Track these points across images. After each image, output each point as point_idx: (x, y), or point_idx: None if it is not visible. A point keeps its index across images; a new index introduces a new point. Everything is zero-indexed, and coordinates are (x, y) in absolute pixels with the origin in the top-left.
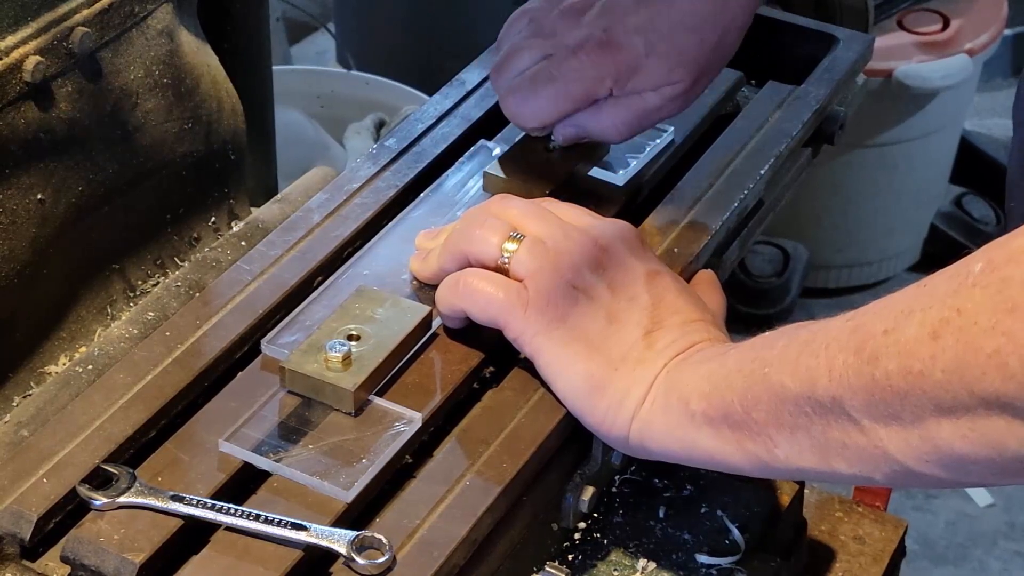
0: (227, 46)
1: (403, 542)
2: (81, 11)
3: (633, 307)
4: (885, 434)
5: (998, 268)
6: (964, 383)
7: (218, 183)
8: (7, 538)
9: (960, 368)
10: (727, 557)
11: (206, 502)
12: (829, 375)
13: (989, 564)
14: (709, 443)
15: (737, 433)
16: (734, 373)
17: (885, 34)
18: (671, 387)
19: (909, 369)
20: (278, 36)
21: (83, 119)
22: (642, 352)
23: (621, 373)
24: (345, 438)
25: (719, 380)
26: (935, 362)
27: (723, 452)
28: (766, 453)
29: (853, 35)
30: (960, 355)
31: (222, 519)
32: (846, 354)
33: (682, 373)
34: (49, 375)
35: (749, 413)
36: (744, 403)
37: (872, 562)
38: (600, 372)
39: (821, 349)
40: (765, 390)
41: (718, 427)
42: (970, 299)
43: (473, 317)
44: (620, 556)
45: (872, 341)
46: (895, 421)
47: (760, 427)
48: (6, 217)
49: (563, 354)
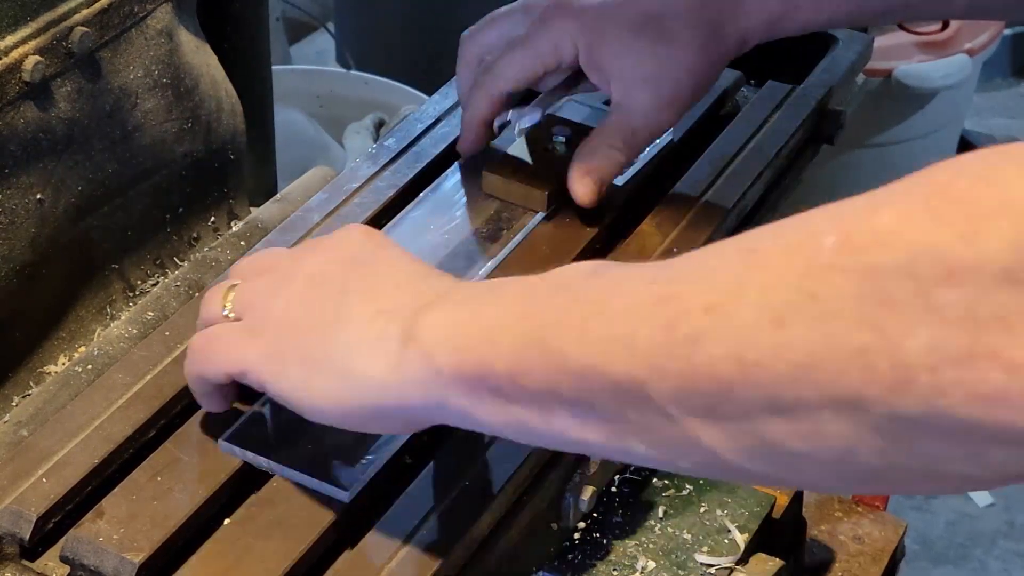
0: (227, 46)
1: (403, 542)
2: (81, 11)
3: (354, 288)
4: (698, 425)
5: (862, 250)
6: (814, 381)
7: (217, 183)
8: (7, 538)
9: (812, 364)
10: (727, 557)
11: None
12: (630, 352)
13: (989, 564)
14: (461, 402)
15: (500, 398)
16: (496, 329)
17: (884, 34)
18: (408, 338)
19: (741, 358)
20: (278, 36)
21: (82, 119)
22: (371, 326)
23: (356, 354)
24: (345, 438)
25: (474, 334)
26: (778, 354)
27: (480, 414)
28: (539, 422)
29: (852, 35)
30: (814, 349)
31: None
32: (652, 328)
33: (423, 323)
34: (48, 375)
35: (516, 381)
36: (511, 369)
37: (871, 562)
38: (328, 374)
39: (618, 316)
40: (539, 357)
41: (474, 388)
42: (828, 284)
43: (212, 378)
44: (620, 556)
45: (690, 319)
46: (712, 414)
47: (531, 397)
48: (5, 217)
49: (291, 377)
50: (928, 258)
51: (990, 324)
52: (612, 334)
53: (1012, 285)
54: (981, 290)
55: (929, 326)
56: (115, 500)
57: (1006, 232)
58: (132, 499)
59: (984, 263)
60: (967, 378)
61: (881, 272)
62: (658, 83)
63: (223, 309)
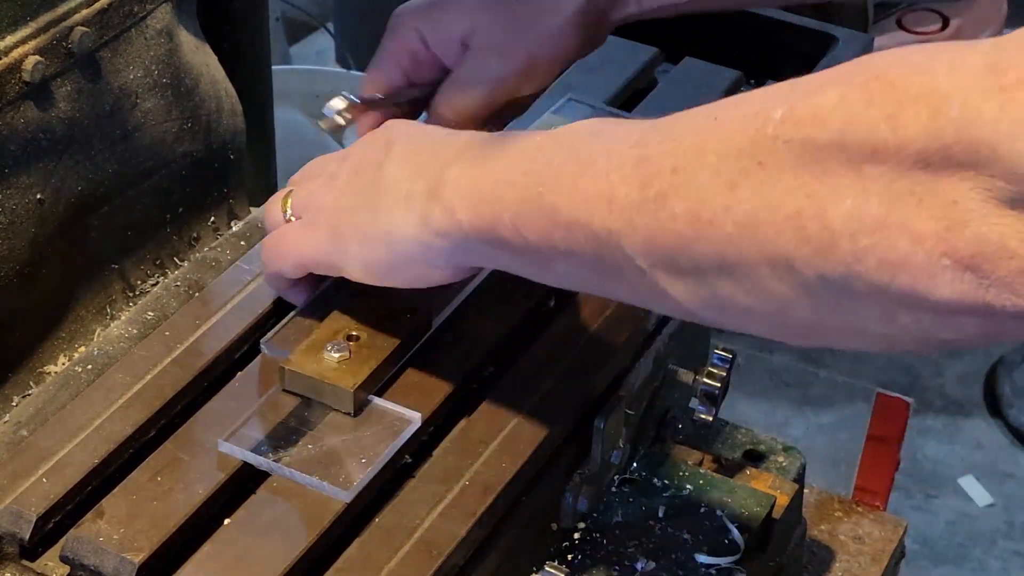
0: (227, 46)
1: (403, 542)
2: (80, 11)
3: (390, 162)
4: (664, 277)
5: (803, 124)
6: (755, 240)
7: (217, 183)
8: (7, 538)
9: (754, 224)
10: (727, 557)
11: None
12: (609, 207)
13: (989, 564)
14: (482, 248)
15: (509, 247)
16: (503, 185)
17: (884, 34)
18: (433, 194)
19: (698, 216)
20: (278, 36)
21: (82, 119)
22: (402, 186)
23: (395, 219)
24: (345, 438)
25: (486, 191)
26: (728, 214)
27: (499, 260)
28: (543, 268)
29: (852, 35)
30: (756, 210)
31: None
32: (629, 187)
33: (444, 179)
34: (48, 375)
35: (520, 232)
36: (516, 222)
37: (871, 562)
38: (379, 243)
39: (603, 175)
40: (537, 210)
41: (489, 238)
42: (772, 152)
43: (288, 273)
44: (620, 556)
45: (660, 179)
46: (674, 268)
47: (533, 248)
48: (5, 217)
49: (352, 255)
50: (858, 136)
51: (904, 198)
52: (597, 191)
53: (925, 167)
54: (900, 169)
55: (853, 196)
56: (115, 500)
57: (924, 120)
58: (132, 499)
59: (904, 145)
60: (879, 245)
61: (818, 144)
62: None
63: (284, 213)
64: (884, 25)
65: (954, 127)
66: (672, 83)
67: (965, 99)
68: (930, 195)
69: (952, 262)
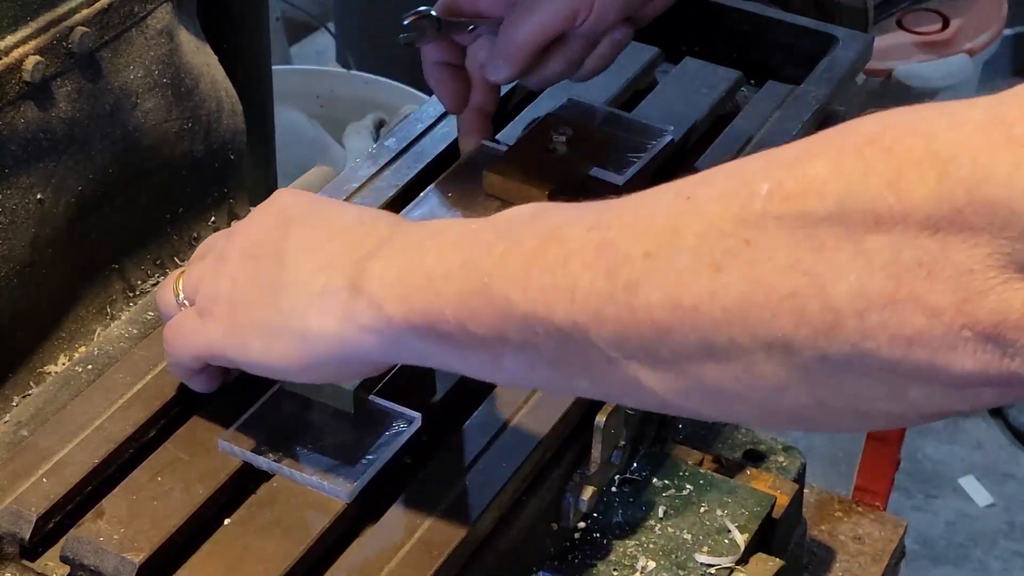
0: (227, 46)
1: (403, 542)
2: (81, 11)
3: (290, 249)
4: (638, 368)
5: (794, 198)
6: (747, 325)
7: (218, 183)
8: (7, 538)
9: (745, 308)
10: (727, 557)
11: None
12: (571, 298)
13: (989, 564)
14: (416, 346)
15: (451, 343)
16: (440, 278)
17: (885, 34)
18: (355, 289)
19: (679, 303)
20: (278, 36)
21: (83, 119)
22: (315, 282)
23: (308, 314)
24: (345, 438)
25: (420, 282)
26: (714, 299)
27: (437, 356)
28: (491, 365)
29: (852, 35)
30: (747, 294)
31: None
32: (594, 275)
33: (368, 273)
34: (49, 375)
35: (466, 327)
36: (459, 316)
37: (872, 562)
38: (288, 339)
39: (558, 264)
40: (486, 304)
41: (426, 334)
42: (762, 230)
43: (188, 364)
44: (620, 556)
45: (629, 266)
46: (652, 357)
47: (481, 342)
48: (6, 217)
49: (255, 350)
50: (858, 206)
51: (913, 270)
52: (554, 282)
53: (933, 233)
54: (906, 237)
55: (858, 271)
56: (115, 500)
57: (930, 183)
58: (132, 499)
59: (909, 212)
60: (891, 321)
61: (813, 219)
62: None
63: (176, 297)
64: (884, 25)
65: (964, 187)
66: (672, 83)
67: (974, 157)
68: (941, 264)
69: (973, 334)
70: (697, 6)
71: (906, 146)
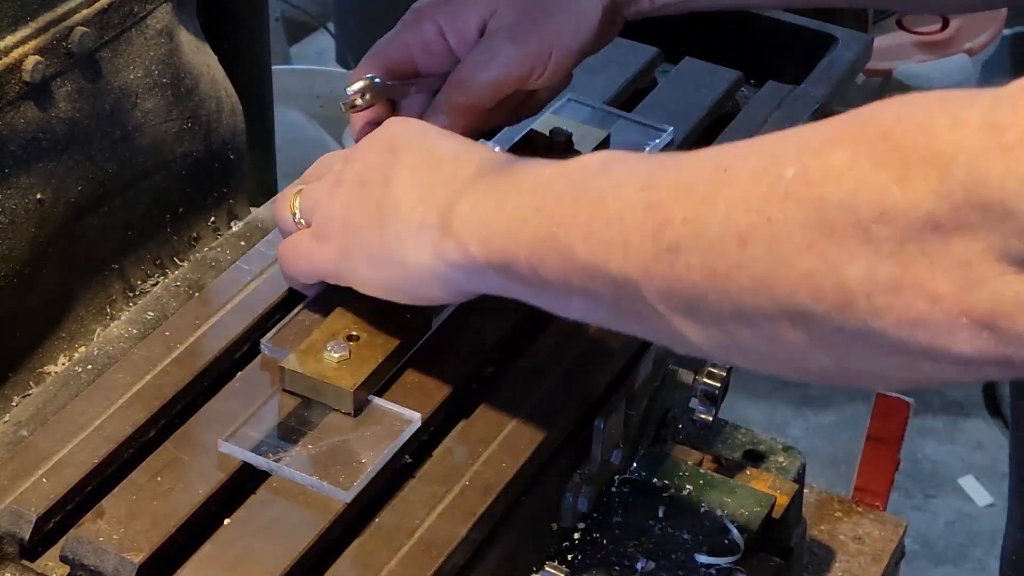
0: (227, 46)
1: (403, 542)
2: (80, 11)
3: (396, 179)
4: (682, 323)
5: (815, 184)
6: (771, 295)
7: (217, 183)
8: (7, 538)
9: (769, 280)
10: (727, 557)
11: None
12: (625, 253)
13: (989, 564)
14: (497, 281)
15: (526, 282)
16: (517, 223)
17: (884, 34)
18: (445, 228)
19: (714, 269)
20: (278, 36)
21: (82, 119)
22: (413, 214)
23: (407, 245)
24: (345, 438)
25: (499, 228)
26: (742, 269)
27: (517, 292)
28: (561, 304)
29: (852, 35)
30: (770, 268)
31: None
32: (642, 234)
33: (455, 213)
34: (48, 375)
35: (537, 271)
36: (531, 260)
37: (871, 562)
38: (390, 266)
39: (616, 220)
40: (553, 251)
41: (504, 273)
42: (782, 210)
43: (303, 280)
44: (620, 556)
45: (671, 228)
46: (693, 315)
47: (550, 285)
48: (5, 217)
49: (362, 273)
50: (867, 197)
51: (917, 260)
52: (611, 237)
53: (935, 227)
54: (910, 230)
55: (867, 256)
56: (115, 500)
57: (932, 182)
58: (132, 499)
59: (913, 207)
60: (897, 304)
61: (827, 204)
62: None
63: (292, 215)
64: (884, 25)
65: (962, 189)
66: (672, 83)
67: (970, 160)
68: (942, 256)
69: (970, 321)
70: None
71: (912, 144)
